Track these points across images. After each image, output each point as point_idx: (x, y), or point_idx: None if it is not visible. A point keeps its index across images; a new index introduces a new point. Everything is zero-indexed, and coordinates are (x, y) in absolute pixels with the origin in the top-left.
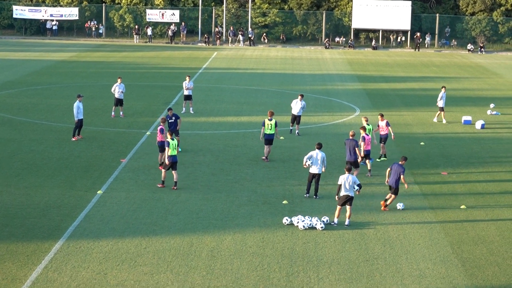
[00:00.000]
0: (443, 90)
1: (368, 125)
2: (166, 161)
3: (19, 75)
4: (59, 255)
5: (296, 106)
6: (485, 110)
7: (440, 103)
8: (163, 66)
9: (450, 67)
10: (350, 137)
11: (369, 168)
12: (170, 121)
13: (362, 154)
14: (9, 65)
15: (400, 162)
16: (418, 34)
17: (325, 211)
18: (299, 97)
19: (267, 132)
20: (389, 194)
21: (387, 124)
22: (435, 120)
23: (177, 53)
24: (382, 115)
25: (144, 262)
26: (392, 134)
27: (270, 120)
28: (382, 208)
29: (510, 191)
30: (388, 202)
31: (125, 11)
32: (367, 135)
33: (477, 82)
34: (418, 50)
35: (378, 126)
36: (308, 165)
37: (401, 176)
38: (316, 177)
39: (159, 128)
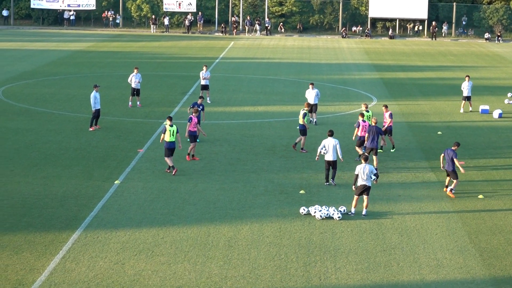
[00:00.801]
0: (466, 79)
1: (368, 111)
2: (165, 149)
3: (37, 65)
4: (76, 245)
5: (310, 94)
6: (502, 99)
7: (464, 92)
8: (180, 56)
9: (467, 56)
10: (373, 124)
11: (359, 153)
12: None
13: (353, 138)
14: (26, 55)
15: (452, 148)
16: (434, 23)
17: (342, 201)
18: (310, 86)
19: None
20: (448, 179)
21: (390, 116)
22: (461, 111)
23: (194, 42)
24: (386, 106)
25: (162, 252)
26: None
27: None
28: (449, 194)
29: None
30: (452, 186)
31: (142, 1)
32: (364, 121)
33: (495, 71)
34: (435, 39)
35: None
36: (323, 153)
37: (455, 160)
38: (332, 163)
39: (189, 117)
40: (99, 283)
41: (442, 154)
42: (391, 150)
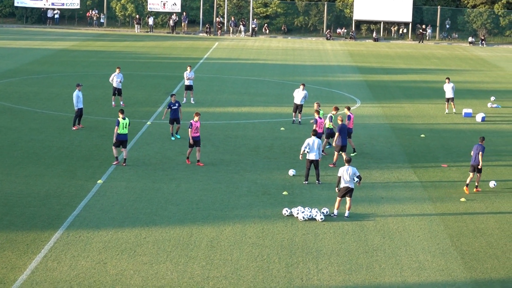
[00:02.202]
0: (446, 81)
1: (320, 110)
2: (114, 139)
3: (20, 63)
4: (58, 244)
5: (298, 95)
6: (485, 102)
7: (446, 94)
8: (164, 56)
9: (451, 59)
10: (339, 122)
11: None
12: (173, 107)
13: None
14: (10, 54)
15: (480, 142)
16: (423, 26)
17: (325, 202)
18: (301, 86)
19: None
20: (471, 176)
21: (348, 118)
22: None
23: (178, 43)
24: (348, 108)
25: (144, 252)
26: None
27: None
28: (475, 190)
29: (510, 184)
30: (476, 183)
31: (126, 1)
32: (320, 118)
33: (478, 75)
34: (422, 42)
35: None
36: (307, 152)
37: (480, 153)
38: (314, 163)
39: (190, 122)
40: (80, 282)
41: (472, 151)
42: (351, 154)
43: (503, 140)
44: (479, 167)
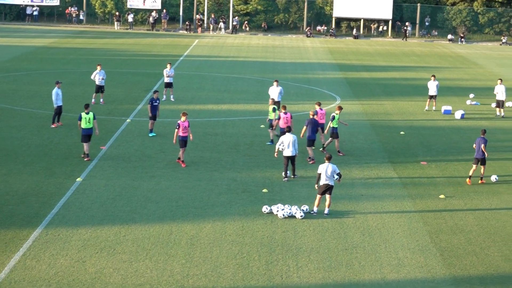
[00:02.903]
0: (432, 78)
1: (275, 108)
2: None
3: None
4: (37, 242)
5: (274, 92)
6: (464, 100)
7: (430, 91)
8: (144, 53)
9: (430, 56)
10: (311, 116)
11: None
12: (155, 104)
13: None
14: None
15: (482, 136)
16: (407, 23)
17: (305, 200)
18: (275, 82)
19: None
20: (474, 168)
21: (315, 113)
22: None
23: (158, 40)
24: (319, 104)
25: (123, 250)
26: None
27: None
28: (480, 182)
29: (488, 181)
30: (481, 175)
31: None
32: (286, 113)
33: (457, 72)
34: (406, 40)
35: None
36: (281, 149)
37: (482, 146)
38: (291, 159)
39: (177, 123)
40: (59, 280)
41: (474, 144)
42: (320, 149)
43: None
44: (485, 157)
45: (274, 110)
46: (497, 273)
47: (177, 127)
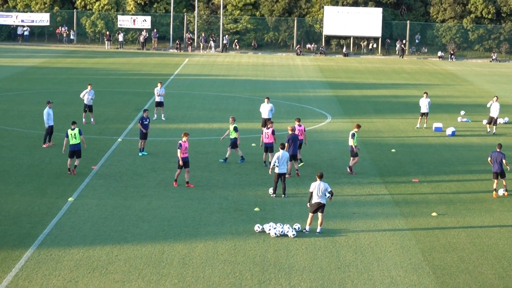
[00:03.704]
0: (424, 96)
1: (235, 127)
2: (66, 149)
3: None
4: (29, 263)
5: (264, 109)
6: (455, 117)
7: (422, 109)
8: (135, 72)
9: (420, 74)
10: (290, 132)
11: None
12: (145, 123)
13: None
14: None
15: (498, 150)
16: (404, 41)
17: (297, 218)
18: (266, 100)
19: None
20: (496, 182)
21: (293, 129)
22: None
23: (148, 59)
24: (298, 120)
25: (116, 269)
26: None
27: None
28: (505, 194)
29: (480, 198)
30: (505, 185)
31: (96, 17)
32: (268, 128)
33: (448, 89)
34: (403, 57)
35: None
36: (277, 165)
37: (504, 161)
38: (282, 177)
39: (179, 143)
40: None
41: (489, 158)
42: (299, 164)
43: (473, 154)
44: (503, 170)
45: (235, 129)
46: None
47: (179, 147)
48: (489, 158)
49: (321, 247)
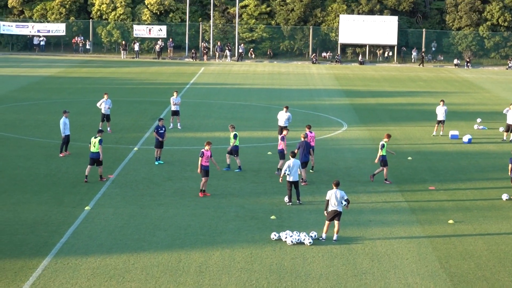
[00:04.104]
0: (441, 103)
1: (235, 134)
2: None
3: (6, 90)
4: (47, 271)
5: (282, 117)
6: (472, 124)
7: (438, 116)
8: (151, 81)
9: (436, 81)
10: (302, 139)
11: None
12: (160, 131)
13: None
14: None
15: None
16: (423, 49)
17: (313, 226)
18: (285, 109)
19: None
20: None
21: (305, 136)
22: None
23: (164, 68)
24: (309, 127)
25: (132, 278)
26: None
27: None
28: None
29: (497, 205)
30: None
31: (112, 27)
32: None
33: (464, 97)
34: (423, 66)
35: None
36: (287, 174)
37: None
38: (294, 184)
39: (201, 151)
40: None
41: (510, 164)
42: (310, 171)
43: (490, 162)
44: None
45: (235, 136)
46: None
47: (201, 155)
48: (510, 165)
49: (338, 255)
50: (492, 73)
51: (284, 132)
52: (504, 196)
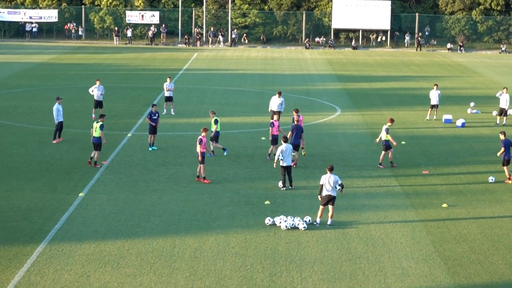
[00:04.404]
0: (434, 88)
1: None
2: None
3: None
4: (41, 258)
5: (274, 102)
6: (465, 108)
7: (432, 101)
8: (144, 67)
9: (430, 66)
10: (295, 122)
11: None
12: (154, 117)
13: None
14: None
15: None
16: (419, 33)
17: (308, 211)
18: (277, 94)
19: None
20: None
21: (292, 120)
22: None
23: (157, 54)
24: (297, 111)
25: (127, 264)
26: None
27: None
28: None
29: (491, 189)
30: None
31: (105, 13)
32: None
33: (457, 81)
34: (420, 50)
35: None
36: (281, 159)
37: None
38: (287, 169)
39: (199, 138)
40: None
41: (502, 148)
42: (302, 152)
43: (483, 145)
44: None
45: (216, 122)
46: (502, 281)
47: (200, 142)
48: (502, 148)
49: (332, 239)
50: (485, 57)
51: (275, 117)
52: (490, 179)
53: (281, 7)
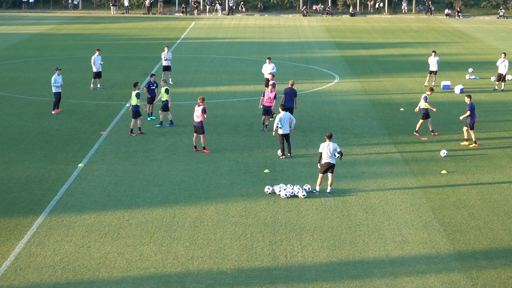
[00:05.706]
0: (432, 54)
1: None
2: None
3: None
4: (41, 229)
5: (266, 69)
6: (463, 74)
7: (430, 67)
8: (141, 37)
9: (428, 32)
10: (290, 85)
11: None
12: (152, 87)
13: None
14: None
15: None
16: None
17: (307, 179)
18: (267, 60)
19: None
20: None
21: (273, 86)
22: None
23: (154, 23)
24: (292, 83)
25: (127, 234)
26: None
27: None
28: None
29: (490, 155)
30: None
31: None
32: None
33: (455, 47)
34: (431, 14)
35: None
36: (280, 127)
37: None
38: (286, 137)
39: (201, 108)
40: (65, 266)
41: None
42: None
43: (482, 111)
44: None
45: (167, 91)
46: (501, 247)
47: (204, 112)
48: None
49: (332, 207)
50: (483, 23)
51: (270, 84)
52: (442, 152)
53: None
